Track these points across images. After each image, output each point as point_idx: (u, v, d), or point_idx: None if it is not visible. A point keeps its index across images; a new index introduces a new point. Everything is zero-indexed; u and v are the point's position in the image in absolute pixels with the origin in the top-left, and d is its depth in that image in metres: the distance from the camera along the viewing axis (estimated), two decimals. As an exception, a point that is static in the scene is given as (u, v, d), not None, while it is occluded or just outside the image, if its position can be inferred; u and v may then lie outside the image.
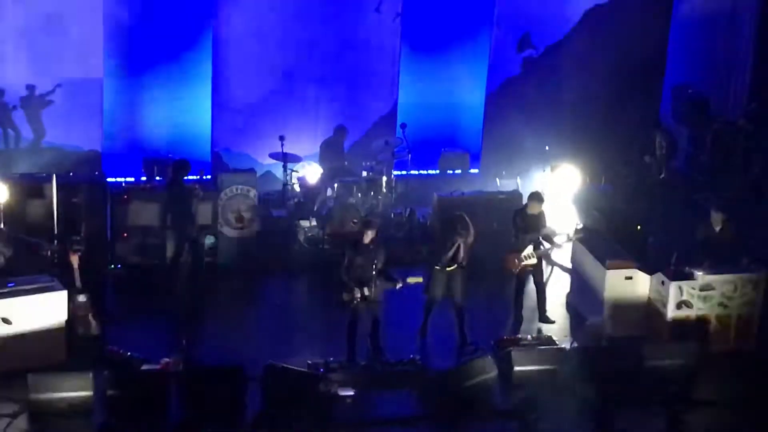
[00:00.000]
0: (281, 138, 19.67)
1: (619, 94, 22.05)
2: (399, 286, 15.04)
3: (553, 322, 16.32)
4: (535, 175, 20.98)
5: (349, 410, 14.02)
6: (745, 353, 15.56)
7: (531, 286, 16.51)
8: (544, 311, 16.42)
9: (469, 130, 22.41)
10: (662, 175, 19.29)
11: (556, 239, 16.35)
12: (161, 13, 20.36)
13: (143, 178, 19.85)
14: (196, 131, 20.86)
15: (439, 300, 15.84)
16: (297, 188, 19.99)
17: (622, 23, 22.28)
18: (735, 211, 16.76)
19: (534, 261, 16.12)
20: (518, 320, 16.39)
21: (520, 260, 16.05)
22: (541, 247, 16.16)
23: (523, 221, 16.16)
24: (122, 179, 20.12)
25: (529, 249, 16.03)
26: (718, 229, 16.14)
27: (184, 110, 20.75)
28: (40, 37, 19.88)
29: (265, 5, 20.90)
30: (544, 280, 16.51)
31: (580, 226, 18.78)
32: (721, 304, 15.61)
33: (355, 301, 14.86)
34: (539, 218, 16.23)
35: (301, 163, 20.18)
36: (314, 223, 19.19)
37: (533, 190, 16.80)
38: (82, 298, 15.07)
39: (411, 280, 15.14)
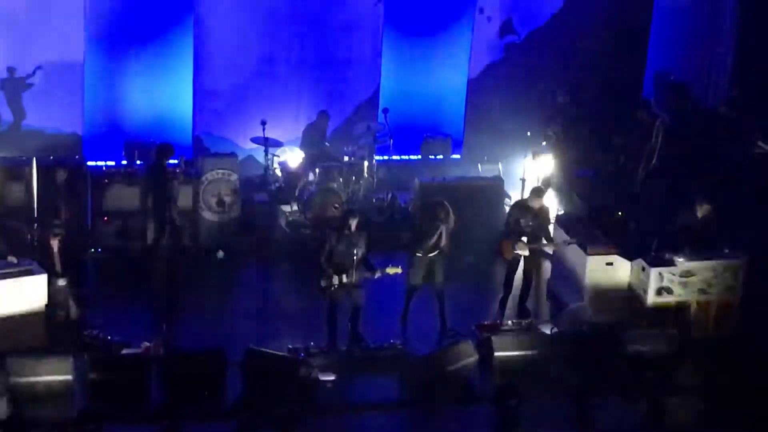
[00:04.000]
0: (263, 122, 19.62)
1: (600, 80, 22.04)
2: (378, 275, 15.05)
3: (529, 314, 16.30)
4: (517, 160, 20.94)
5: (330, 395, 14.05)
6: (724, 339, 15.63)
7: (519, 274, 16.47)
8: (524, 302, 16.43)
9: (451, 115, 22.37)
10: (653, 162, 19.33)
11: (551, 236, 16.35)
12: (142, -4, 20.34)
13: (124, 162, 19.80)
14: (178, 115, 20.75)
15: (420, 286, 15.87)
16: (278, 173, 19.96)
17: (604, 9, 22.29)
18: (715, 197, 16.80)
19: (526, 253, 16.10)
20: (504, 304, 16.40)
21: (515, 249, 16.01)
22: (536, 242, 16.12)
23: (523, 213, 16.10)
24: (103, 163, 20.03)
25: (524, 241, 15.97)
26: (699, 215, 16.17)
27: (165, 94, 20.64)
28: (21, 20, 19.75)
29: (246, -11, 20.88)
30: (533, 270, 16.48)
31: (561, 212, 18.82)
32: (701, 291, 15.69)
33: (333, 287, 14.86)
34: (540, 213, 16.18)
35: (282, 148, 20.14)
36: (295, 207, 19.18)
37: (535, 186, 16.68)
38: (62, 282, 15.04)
39: (390, 270, 15.15)
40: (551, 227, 16.48)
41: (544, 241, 16.24)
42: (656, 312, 15.64)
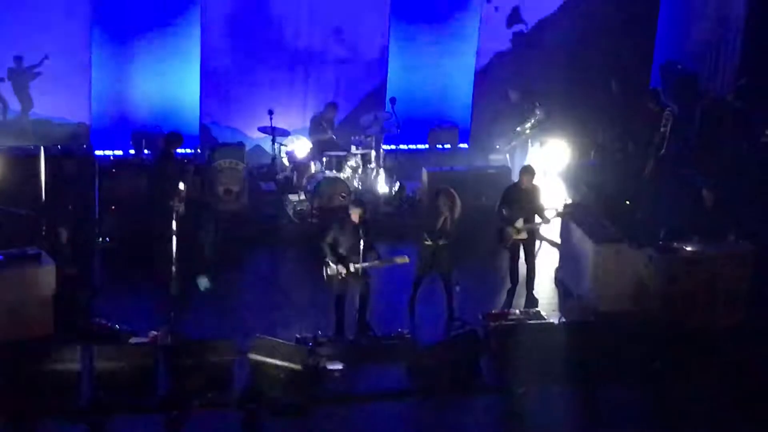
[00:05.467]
0: (270, 112, 19.63)
1: (608, 69, 21.99)
2: (385, 265, 15.06)
3: (536, 302, 16.28)
4: (525, 149, 20.90)
5: (338, 384, 14.05)
6: (732, 328, 15.61)
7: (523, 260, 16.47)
8: (532, 290, 16.39)
9: (458, 105, 22.36)
10: (662, 152, 19.31)
11: (545, 214, 16.34)
12: (149, -16, 20.34)
13: (132, 151, 19.82)
14: (185, 104, 20.78)
15: (427, 275, 15.85)
16: (286, 162, 19.96)
17: (612, -1, 22.30)
18: (723, 186, 16.79)
19: (524, 236, 16.10)
20: (512, 293, 16.39)
21: (510, 234, 16.02)
22: (532, 221, 16.12)
23: (515, 196, 16.10)
24: (110, 152, 20.06)
25: (520, 223, 15.99)
26: (707, 204, 16.16)
27: (172, 83, 20.66)
28: (28, 9, 19.77)
29: (253, -22, 20.87)
30: (534, 254, 16.49)
31: (569, 201, 18.80)
32: (708, 279, 15.66)
33: (340, 277, 14.87)
34: (532, 193, 16.20)
35: (289, 137, 20.14)
36: (303, 197, 19.18)
37: (525, 164, 16.78)
38: (70, 271, 15.08)
39: (397, 259, 15.16)
40: (544, 206, 16.42)
41: (538, 219, 16.21)
42: (664, 301, 15.62)
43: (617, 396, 13.98)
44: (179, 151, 18.00)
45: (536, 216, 16.18)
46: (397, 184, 19.94)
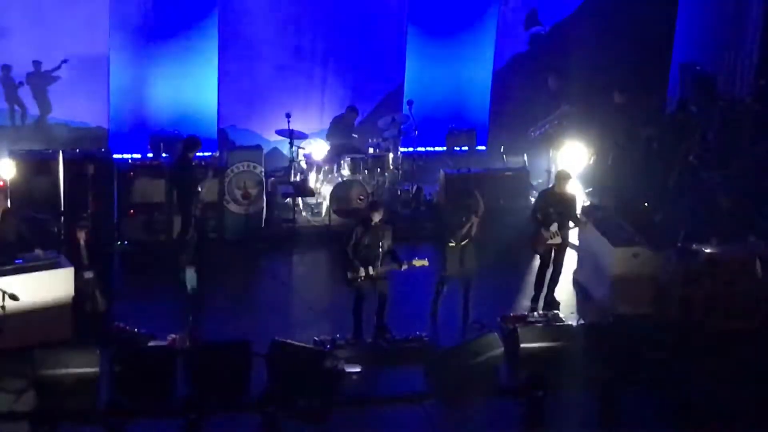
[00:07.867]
0: (288, 115, 19.64)
1: (626, 72, 21.93)
2: (404, 268, 15.04)
3: (558, 305, 16.24)
4: (543, 152, 20.87)
5: (356, 387, 14.06)
6: (750, 330, 15.56)
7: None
8: (552, 292, 16.35)
9: (476, 107, 22.34)
10: (691, 158, 19.25)
11: (579, 218, 16.26)
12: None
13: (150, 155, 19.86)
14: (203, 108, 20.82)
15: (455, 277, 15.80)
16: (303, 165, 19.97)
17: (630, 0, 22.20)
18: (742, 189, 16.74)
19: (558, 240, 16.03)
20: (536, 300, 16.33)
21: (545, 239, 15.94)
22: (566, 226, 16.04)
23: (550, 201, 16.02)
24: (129, 156, 20.09)
25: (554, 227, 15.91)
26: (725, 208, 16.12)
27: (190, 87, 20.70)
28: (47, 13, 19.84)
29: (271, -18, 20.91)
30: (564, 259, 16.40)
31: (587, 203, 18.77)
32: (727, 282, 15.61)
33: (360, 279, 14.87)
34: (567, 197, 16.13)
35: (307, 140, 20.15)
36: (320, 200, 19.19)
37: (560, 170, 16.70)
38: (88, 274, 15.13)
39: (416, 262, 15.14)
40: (578, 210, 16.38)
41: (572, 224, 16.12)
42: (682, 303, 15.58)
43: (636, 399, 13.93)
44: (198, 154, 18.01)
45: (570, 221, 16.10)
46: (415, 187, 19.94)
